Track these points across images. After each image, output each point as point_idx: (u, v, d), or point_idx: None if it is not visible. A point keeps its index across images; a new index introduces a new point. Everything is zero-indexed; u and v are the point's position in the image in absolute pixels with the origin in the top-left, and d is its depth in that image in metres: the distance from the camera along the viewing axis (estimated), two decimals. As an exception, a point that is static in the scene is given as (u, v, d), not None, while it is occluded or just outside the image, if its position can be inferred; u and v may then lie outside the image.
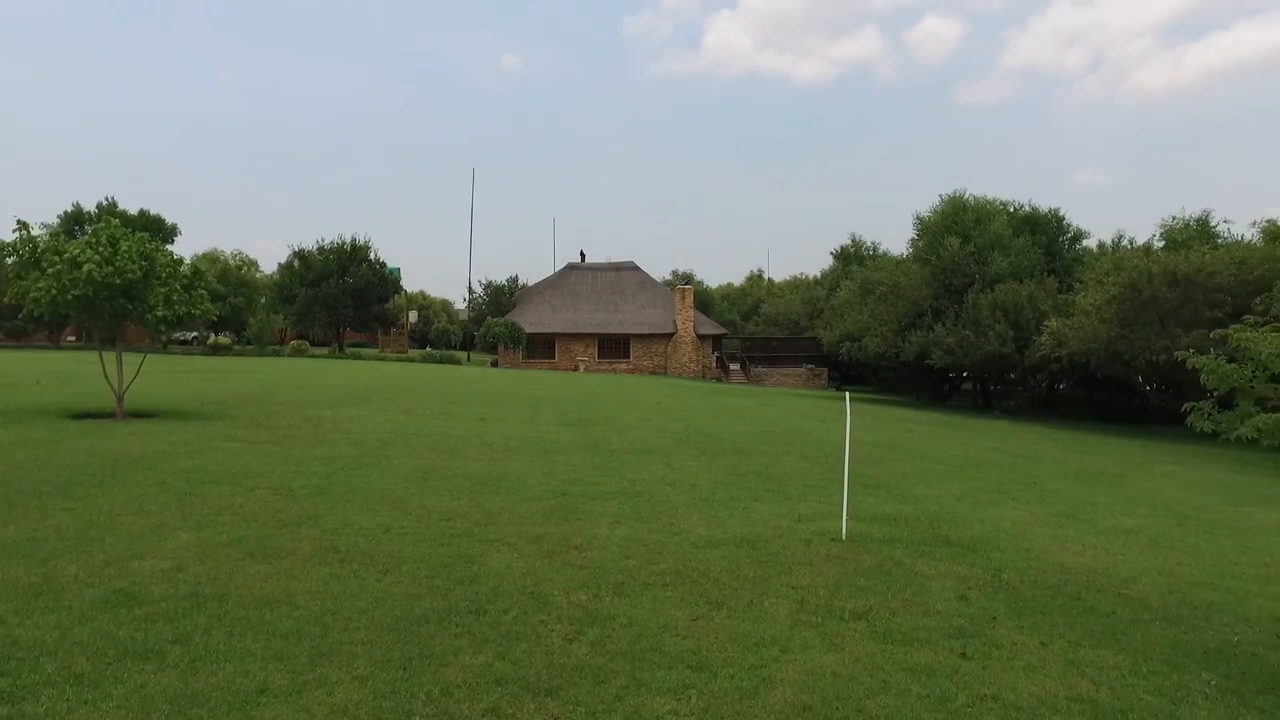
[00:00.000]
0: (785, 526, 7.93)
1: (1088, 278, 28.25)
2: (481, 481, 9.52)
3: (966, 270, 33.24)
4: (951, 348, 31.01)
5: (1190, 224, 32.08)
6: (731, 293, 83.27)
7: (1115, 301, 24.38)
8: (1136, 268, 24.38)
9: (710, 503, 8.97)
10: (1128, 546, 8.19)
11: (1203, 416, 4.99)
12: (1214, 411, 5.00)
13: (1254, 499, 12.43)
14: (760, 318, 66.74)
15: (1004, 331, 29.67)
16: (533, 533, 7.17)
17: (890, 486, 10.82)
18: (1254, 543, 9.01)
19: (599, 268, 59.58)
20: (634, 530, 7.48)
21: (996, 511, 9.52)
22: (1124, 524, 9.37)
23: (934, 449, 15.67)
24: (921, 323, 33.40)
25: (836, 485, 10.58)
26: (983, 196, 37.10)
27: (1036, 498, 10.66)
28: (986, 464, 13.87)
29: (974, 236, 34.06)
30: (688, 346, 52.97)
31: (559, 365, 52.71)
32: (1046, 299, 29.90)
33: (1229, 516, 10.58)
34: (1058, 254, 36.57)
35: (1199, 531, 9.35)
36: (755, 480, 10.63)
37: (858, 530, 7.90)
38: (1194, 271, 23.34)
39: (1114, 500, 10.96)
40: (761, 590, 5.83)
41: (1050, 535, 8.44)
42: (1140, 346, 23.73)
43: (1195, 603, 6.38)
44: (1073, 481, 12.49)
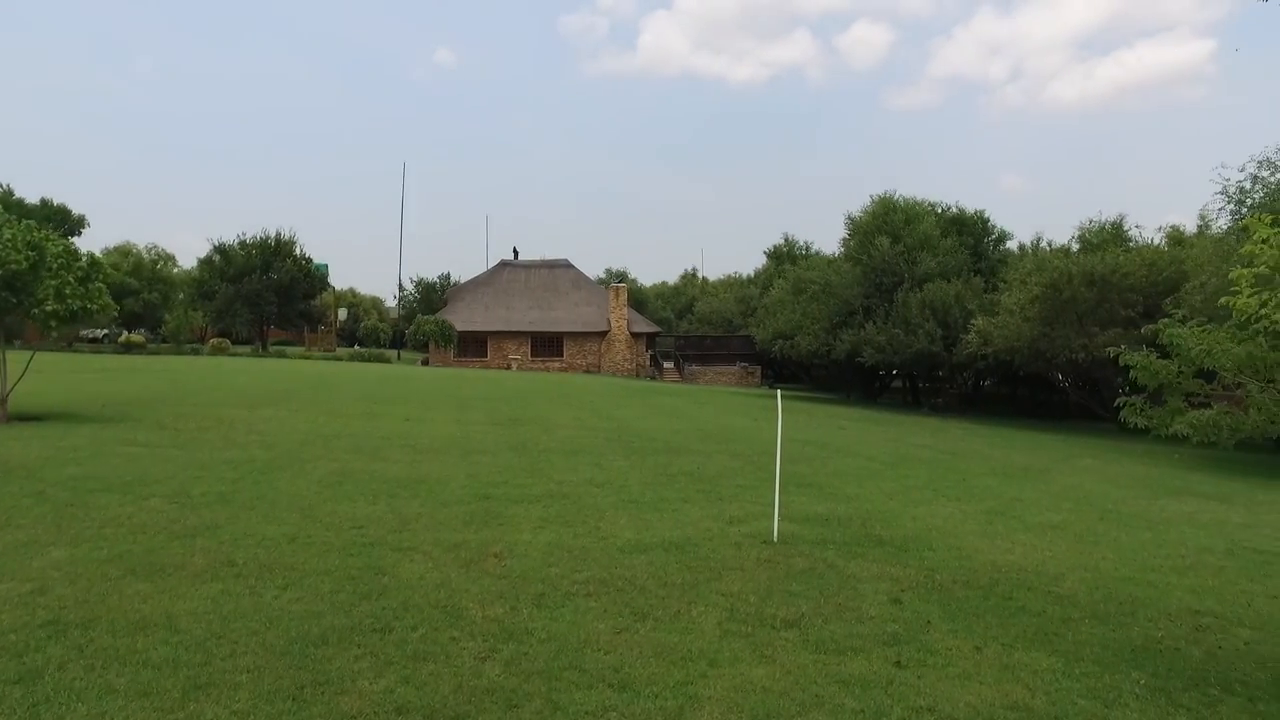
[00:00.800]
0: (715, 529, 7.69)
1: (1011, 278, 28.92)
2: (400, 485, 9.05)
3: (896, 269, 33.74)
4: (882, 346, 31.43)
5: (1105, 227, 33.22)
6: (666, 291, 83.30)
7: (1038, 301, 24.99)
8: (1057, 268, 25.04)
9: (639, 505, 8.68)
10: (1055, 543, 8.20)
11: (1136, 412, 4.91)
12: (1146, 407, 4.92)
13: (1166, 491, 12.73)
14: (694, 316, 66.88)
15: (933, 330, 30.20)
16: (450, 540, 6.77)
17: (822, 485, 10.71)
18: (1169, 534, 9.15)
19: (532, 265, 58.89)
20: (558, 535, 7.14)
21: (928, 510, 9.47)
22: (1050, 520, 9.42)
23: (865, 446, 15.71)
24: (853, 321, 33.79)
25: (768, 485, 10.42)
26: (912, 197, 37.79)
27: (966, 495, 10.69)
28: (917, 461, 13.93)
29: (904, 236, 34.60)
30: (622, 345, 52.71)
31: (491, 364, 51.86)
32: (973, 298, 30.53)
33: (1145, 509, 10.78)
34: (983, 255, 37.45)
35: (1120, 525, 9.46)
36: (686, 481, 10.39)
37: (790, 531, 7.71)
38: (1110, 272, 24.08)
39: (1040, 496, 11.06)
40: (690, 598, 5.56)
41: (981, 533, 8.41)
42: (1061, 345, 24.37)
43: (1121, 598, 6.36)
44: (1000, 478, 12.61)
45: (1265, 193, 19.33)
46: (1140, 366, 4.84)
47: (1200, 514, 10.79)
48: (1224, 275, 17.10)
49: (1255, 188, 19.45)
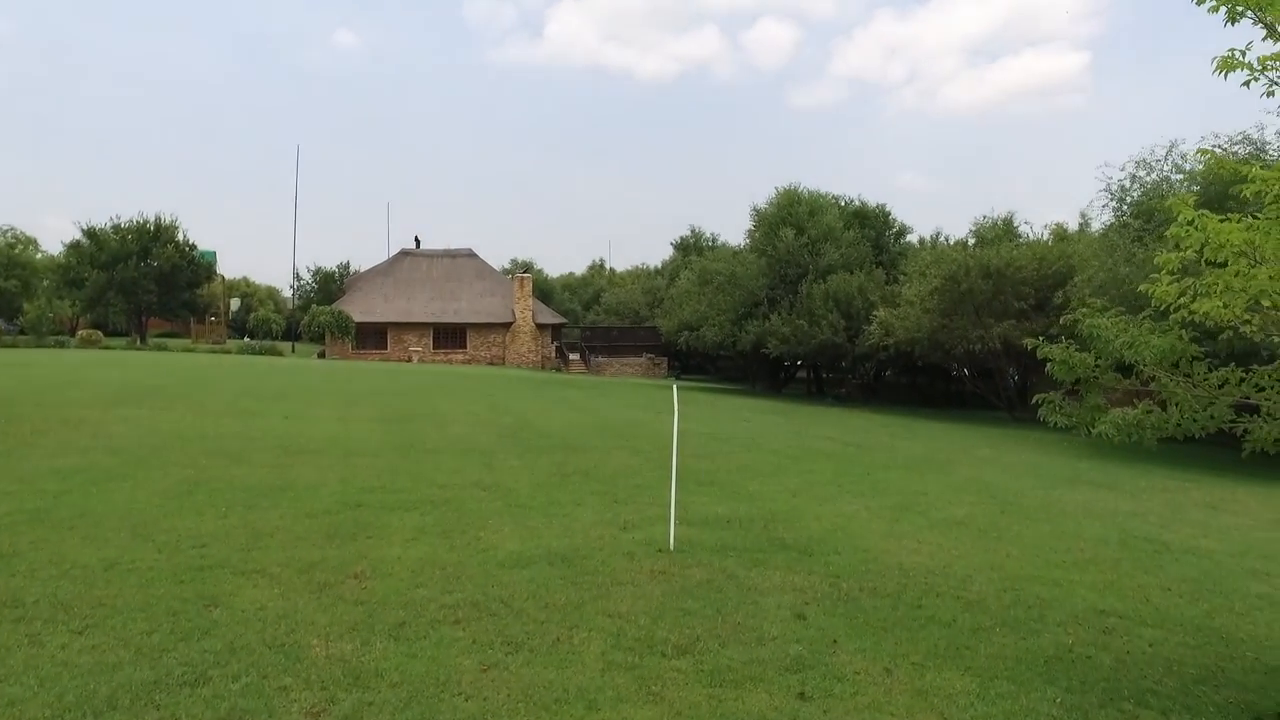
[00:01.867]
0: (608, 536, 7.10)
1: (911, 270, 29.41)
2: (260, 494, 8.10)
3: (801, 261, 33.93)
4: (786, 337, 31.54)
5: (998, 223, 34.26)
6: (573, 282, 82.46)
7: (937, 293, 25.41)
8: (955, 261, 25.52)
9: (527, 510, 8.01)
10: (960, 540, 7.96)
11: (1054, 410, 4.55)
12: (1064, 404, 4.58)
13: (1059, 480, 12.86)
14: (601, 307, 66.35)
15: (836, 321, 30.46)
16: (306, 559, 5.95)
17: (724, 483, 10.27)
18: (1066, 526, 9.08)
19: (434, 254, 57.12)
20: (432, 549, 6.40)
21: (833, 507, 9.13)
22: (954, 514, 9.23)
23: (770, 439, 15.43)
24: (757, 312, 33.83)
25: (668, 484, 9.92)
26: (816, 190, 38.13)
27: (871, 490, 10.43)
28: (821, 454, 13.70)
29: (808, 228, 34.83)
30: (526, 336, 51.70)
31: (391, 356, 50.01)
32: (875, 290, 30.94)
33: (1043, 500, 10.77)
34: (884, 247, 38.12)
35: (1021, 518, 9.35)
36: (580, 481, 9.77)
37: (688, 537, 7.18)
38: (1004, 265, 24.68)
39: (943, 489, 10.92)
40: (572, 622, 4.94)
41: (886, 532, 8.09)
42: (959, 335, 24.85)
43: (1029, 600, 6.09)
44: (904, 470, 12.47)
45: (1142, 191, 20.02)
46: (1059, 360, 4.48)
47: (1093, 503, 10.86)
48: (1110, 269, 17.77)
49: (1134, 186, 20.15)
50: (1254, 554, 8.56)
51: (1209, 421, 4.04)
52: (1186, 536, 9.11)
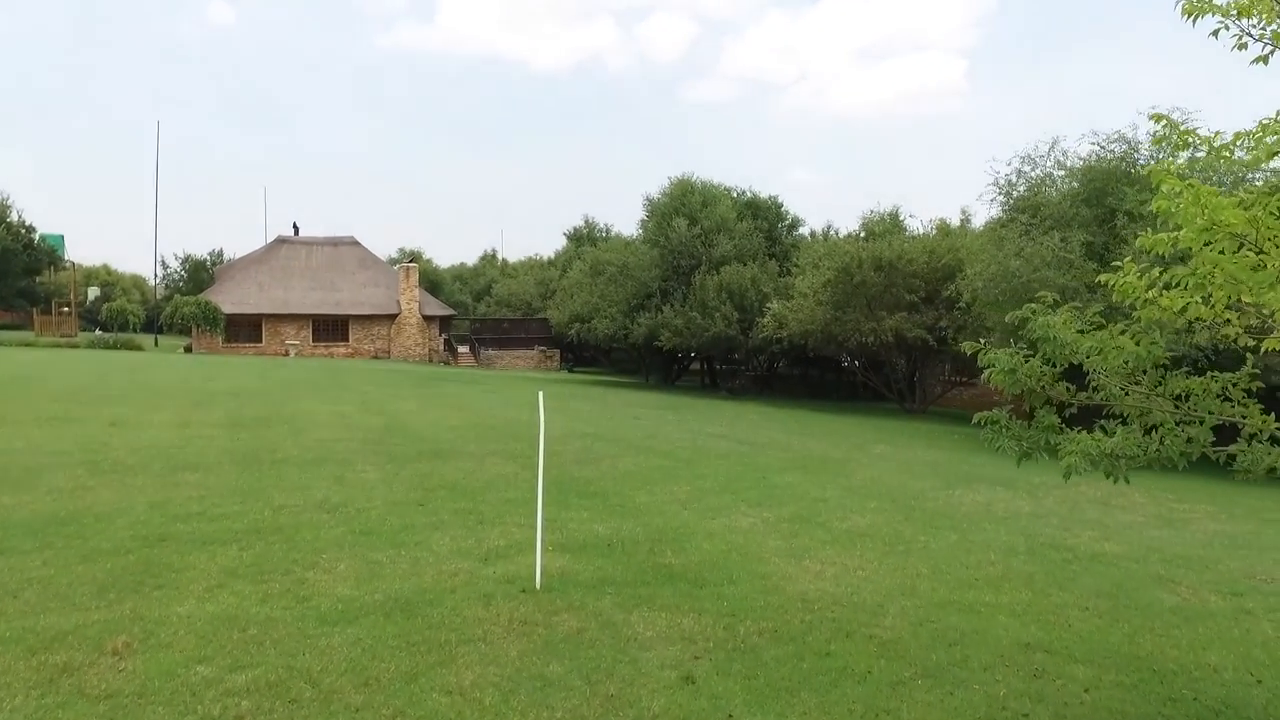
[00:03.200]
0: (464, 573, 5.97)
1: (804, 262, 29.21)
2: (34, 529, 6.57)
3: (694, 252, 33.34)
4: (679, 329, 30.89)
5: (885, 218, 34.58)
6: (464, 273, 80.00)
7: (830, 285, 25.19)
8: (848, 253, 25.37)
9: (373, 538, 6.78)
10: (866, 557, 7.21)
11: (1001, 432, 3.74)
12: (1011, 425, 3.77)
13: (958, 479, 12.46)
14: (493, 299, 64.44)
15: (729, 313, 29.99)
16: (52, 628, 4.59)
17: (609, 493, 9.27)
18: (974, 535, 8.52)
19: (315, 242, 53.95)
20: (238, 601, 5.13)
21: (727, 520, 8.26)
22: (857, 525, 8.52)
23: (660, 439, 14.55)
24: (650, 304, 33.06)
25: (549, 495, 8.85)
26: (709, 181, 37.64)
27: (768, 498, 9.63)
28: (715, 455, 12.90)
29: (701, 219, 34.27)
30: (413, 328, 49.49)
31: (267, 350, 46.89)
32: (768, 282, 30.63)
33: (945, 504, 10.26)
34: (777, 239, 37.99)
35: (925, 526, 8.74)
36: (445, 496, 8.57)
37: (560, 570, 6.14)
38: (896, 258, 24.67)
39: (843, 494, 10.25)
40: (398, 707, 3.82)
41: (786, 550, 7.27)
42: (852, 328, 24.71)
43: (948, 635, 5.34)
44: (801, 473, 11.79)
45: (1027, 186, 20.19)
46: (1003, 369, 3.65)
47: (994, 504, 10.42)
48: (1000, 262, 17.80)
49: (1019, 181, 20.31)
50: (1155, 558, 8.18)
51: (1187, 447, 3.28)
52: (1089, 540, 8.69)
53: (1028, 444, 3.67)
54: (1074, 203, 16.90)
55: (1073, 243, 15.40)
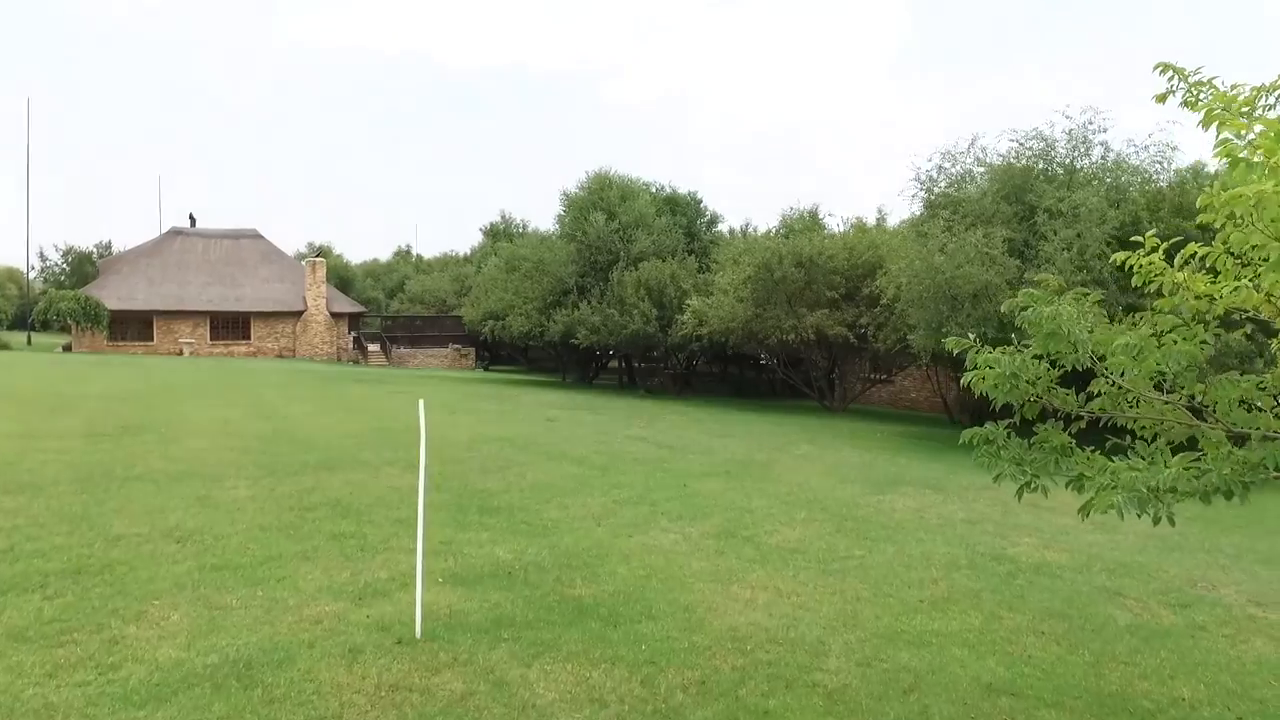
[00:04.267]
0: (330, 619, 4.95)
1: (724, 258, 28.71)
2: None
3: (612, 247, 32.49)
4: (597, 326, 30.00)
5: (804, 215, 34.45)
6: (377, 269, 77.43)
7: (750, 281, 24.70)
8: (769, 249, 24.92)
9: (227, 574, 5.68)
10: (800, 578, 6.48)
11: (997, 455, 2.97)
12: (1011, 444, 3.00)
13: (885, 482, 11.95)
14: (406, 295, 62.37)
15: (648, 310, 29.25)
16: None
17: (515, 509, 8.32)
18: (911, 547, 7.91)
19: (213, 235, 50.96)
20: (11, 678, 4.00)
21: (645, 538, 7.42)
22: (787, 538, 7.80)
23: (576, 443, 13.64)
24: (567, 301, 32.07)
25: (447, 513, 7.86)
26: (628, 175, 36.86)
27: (689, 509, 8.84)
28: (632, 461, 12.06)
29: (619, 214, 33.45)
30: (320, 326, 47.25)
31: (159, 349, 43.98)
32: (688, 278, 30.01)
33: (876, 511, 9.67)
34: (696, 235, 37.46)
35: (859, 538, 8.10)
36: (325, 516, 7.48)
37: (450, 608, 5.19)
38: (816, 254, 24.33)
39: (769, 503, 9.54)
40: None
41: (711, 572, 6.47)
42: (772, 325, 24.26)
43: (901, 679, 4.63)
44: (724, 479, 11.06)
45: (948, 181, 20.06)
46: (1002, 373, 2.88)
47: (926, 511, 9.90)
48: (925, 257, 17.51)
49: (940, 177, 20.17)
50: (1097, 567, 7.74)
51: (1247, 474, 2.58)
52: (1029, 549, 8.20)
53: (1033, 470, 2.92)
54: (994, 199, 16.75)
55: (995, 239, 15.18)
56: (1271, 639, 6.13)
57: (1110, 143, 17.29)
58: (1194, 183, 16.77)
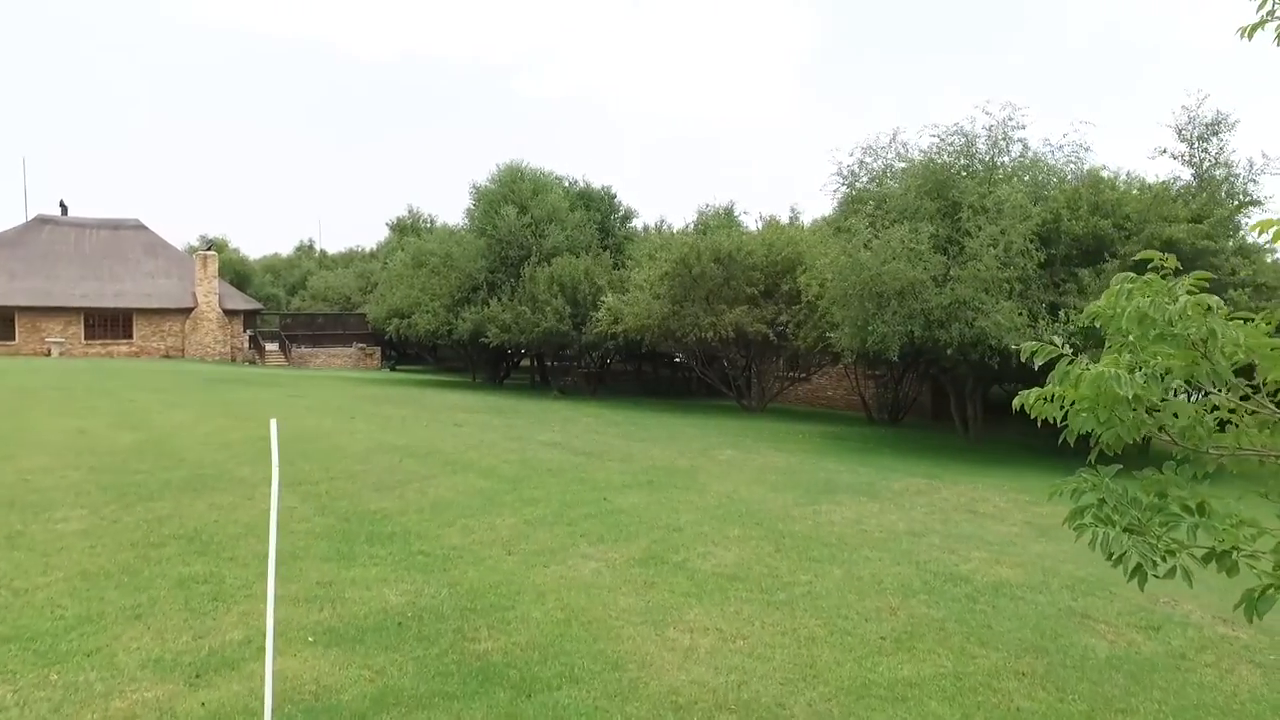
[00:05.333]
0: (151, 708, 3.77)
1: (640, 254, 27.88)
2: None
3: (524, 242, 31.24)
4: (508, 324, 28.73)
5: (720, 212, 33.97)
6: (277, 264, 73.61)
7: (668, 278, 23.92)
8: (687, 244, 24.20)
9: (15, 648, 4.39)
10: (744, 614, 5.60)
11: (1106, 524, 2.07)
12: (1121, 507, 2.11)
13: (817, 489, 11.25)
14: (308, 292, 59.43)
15: (561, 307, 28.15)
16: None
17: (412, 534, 7.19)
18: (858, 567, 7.16)
19: (88, 224, 47.19)
20: None
21: (563, 570, 6.41)
22: (723, 562, 6.92)
23: (483, 452, 12.50)
24: (476, 297, 30.67)
25: (330, 543, 6.66)
26: (540, 168, 35.66)
27: (611, 529, 7.85)
28: (546, 472, 11.01)
29: (531, 207, 32.23)
30: (212, 324, 44.27)
31: (22, 349, 40.32)
32: (603, 274, 29.05)
33: (814, 525, 8.91)
34: (611, 231, 36.58)
35: (802, 559, 7.30)
36: (174, 555, 6.18)
37: (318, 682, 4.07)
38: (735, 250, 23.74)
39: (699, 518, 8.66)
40: None
41: (642, 611, 5.52)
42: (690, 322, 23.55)
43: (877, 751, 3.78)
44: (647, 490, 10.13)
45: (869, 176, 19.72)
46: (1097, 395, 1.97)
47: (865, 521, 9.20)
48: (850, 253, 17.04)
49: (861, 171, 19.80)
50: (1055, 584, 7.15)
51: None
52: (981, 565, 7.55)
53: (1164, 547, 2.04)
54: (918, 195, 16.37)
55: (922, 235, 14.75)
56: (1256, 665, 5.59)
57: (1028, 141, 17.18)
58: (1108, 182, 16.80)
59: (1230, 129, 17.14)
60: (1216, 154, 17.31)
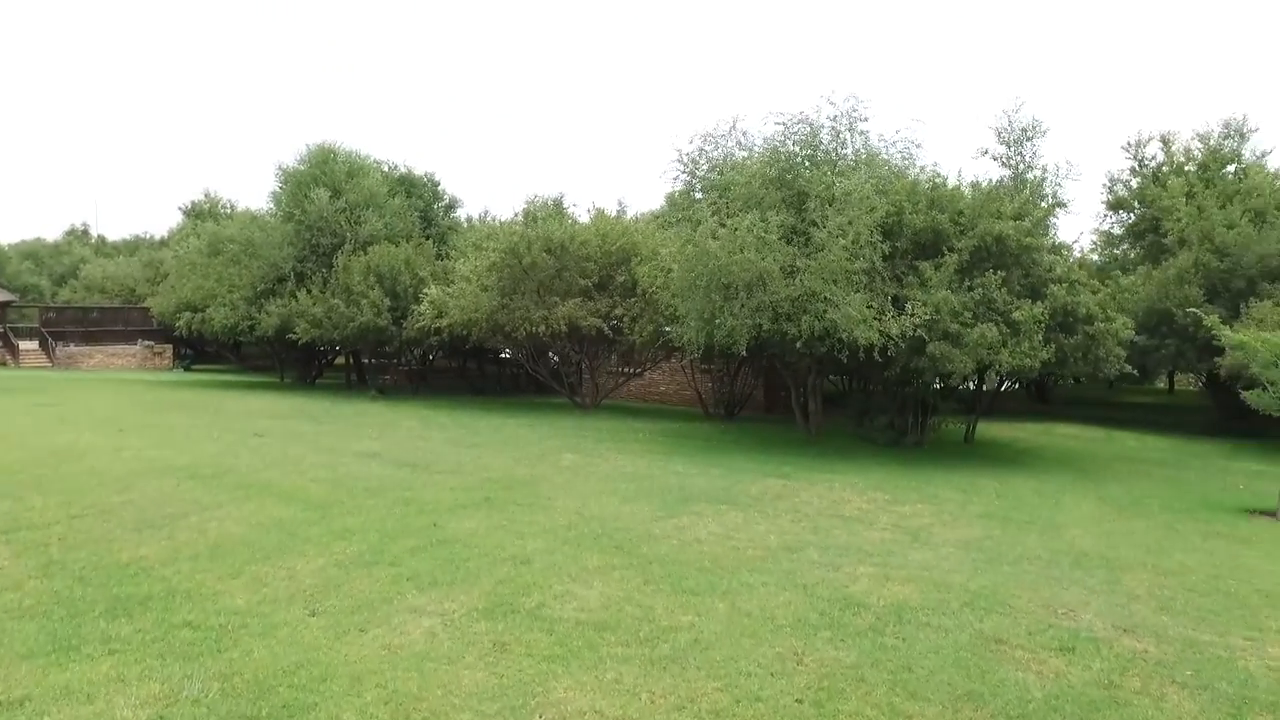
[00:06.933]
0: None
1: (466, 244, 26.08)
2: None
3: (337, 229, 28.52)
4: (319, 319, 26.04)
5: (549, 204, 32.66)
6: (39, 250, 64.88)
7: (496, 269, 22.34)
8: (517, 233, 22.71)
9: None
10: (625, 684, 4.39)
11: None
12: None
13: (675, 500, 10.19)
14: (82, 283, 52.49)
15: (379, 300, 25.83)
16: None
17: (178, 595, 5.42)
18: (745, 599, 6.13)
19: None
20: None
21: (385, 635, 4.91)
22: (586, 605, 5.67)
23: (288, 469, 10.56)
24: (283, 289, 27.66)
25: (45, 623, 4.81)
26: (356, 151, 32.83)
27: (446, 568, 6.39)
28: (364, 491, 9.30)
29: (346, 191, 29.51)
30: (-55, 319, 37.77)
31: None
32: (425, 265, 26.97)
33: (680, 544, 7.87)
34: (433, 220, 34.39)
35: (675, 592, 6.21)
36: None
37: None
38: (568, 240, 22.53)
39: (549, 544, 7.35)
40: None
41: (496, 694, 4.16)
42: (521, 316, 22.11)
43: None
44: (485, 510, 8.69)
45: (709, 164, 19.09)
46: None
47: (735, 536, 8.26)
48: (697, 242, 16.23)
49: (701, 159, 19.14)
50: (955, 604, 6.42)
51: None
52: (871, 585, 6.75)
53: None
54: (764, 183, 15.84)
55: (771, 224, 14.17)
56: (1180, 686, 5.05)
57: (869, 135, 17.11)
58: (940, 177, 17.07)
59: (1042, 135, 17.89)
60: (1030, 157, 18.02)
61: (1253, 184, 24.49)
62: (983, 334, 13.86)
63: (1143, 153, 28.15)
